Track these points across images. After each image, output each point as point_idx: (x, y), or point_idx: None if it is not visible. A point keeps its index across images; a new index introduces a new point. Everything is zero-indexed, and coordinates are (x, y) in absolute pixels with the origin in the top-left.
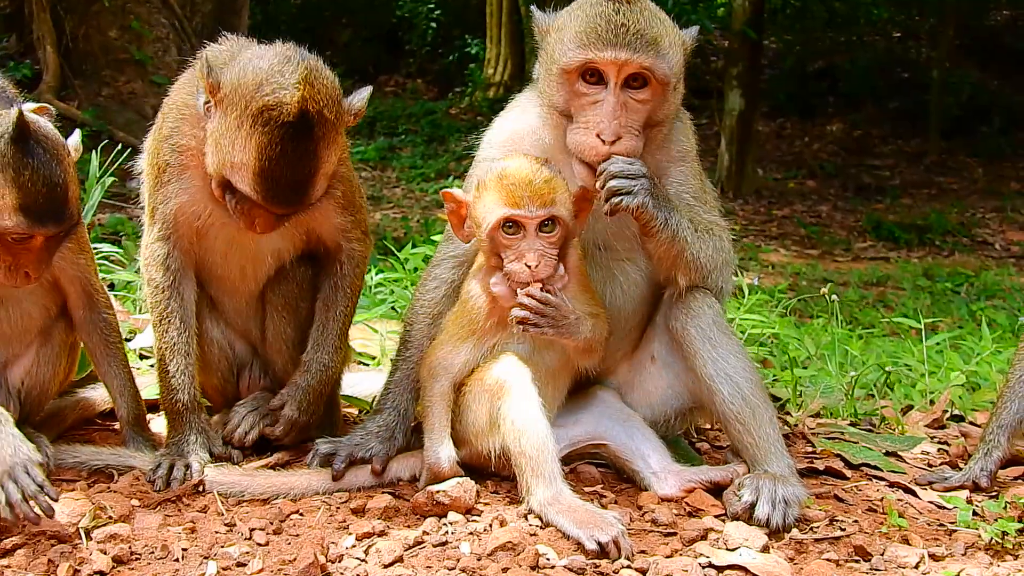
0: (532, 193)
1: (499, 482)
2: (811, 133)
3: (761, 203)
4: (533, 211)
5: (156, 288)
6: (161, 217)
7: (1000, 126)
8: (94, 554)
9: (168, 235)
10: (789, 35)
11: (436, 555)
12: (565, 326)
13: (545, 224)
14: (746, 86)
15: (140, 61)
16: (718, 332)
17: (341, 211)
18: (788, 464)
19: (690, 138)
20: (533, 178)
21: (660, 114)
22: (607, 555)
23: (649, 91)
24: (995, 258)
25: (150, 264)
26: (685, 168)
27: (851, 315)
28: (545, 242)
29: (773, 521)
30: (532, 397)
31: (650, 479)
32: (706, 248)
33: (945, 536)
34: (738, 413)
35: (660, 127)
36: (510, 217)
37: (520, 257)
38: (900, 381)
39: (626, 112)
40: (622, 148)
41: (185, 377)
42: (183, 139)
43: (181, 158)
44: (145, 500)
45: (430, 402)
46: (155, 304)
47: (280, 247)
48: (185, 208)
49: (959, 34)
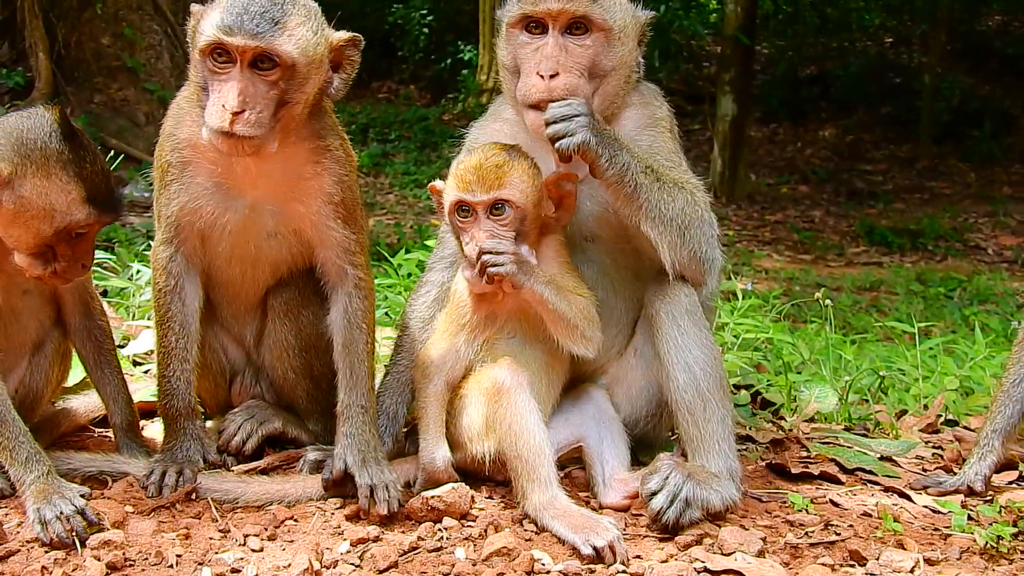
0: (480, 177)
1: (494, 487)
2: (803, 138)
3: (754, 208)
4: (479, 195)
5: (158, 291)
6: (165, 220)
7: (992, 131)
8: (88, 560)
9: (172, 238)
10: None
11: (431, 560)
12: (526, 266)
13: (497, 207)
14: (738, 91)
15: (132, 68)
16: (688, 320)
17: (341, 222)
18: (729, 466)
19: (662, 108)
20: (484, 162)
21: (605, 62)
22: (603, 560)
23: (590, 38)
24: (988, 263)
25: (154, 267)
26: (656, 133)
27: (844, 320)
28: (496, 224)
29: (665, 516)
30: (528, 402)
31: (599, 487)
32: (673, 201)
33: (940, 540)
34: (689, 403)
35: (607, 78)
36: (459, 200)
37: (472, 238)
38: (894, 386)
39: (567, 54)
40: (561, 83)
41: (182, 382)
42: (184, 134)
43: (182, 155)
44: (139, 507)
45: (425, 403)
46: (156, 307)
47: (278, 257)
48: (187, 208)
49: (950, 39)
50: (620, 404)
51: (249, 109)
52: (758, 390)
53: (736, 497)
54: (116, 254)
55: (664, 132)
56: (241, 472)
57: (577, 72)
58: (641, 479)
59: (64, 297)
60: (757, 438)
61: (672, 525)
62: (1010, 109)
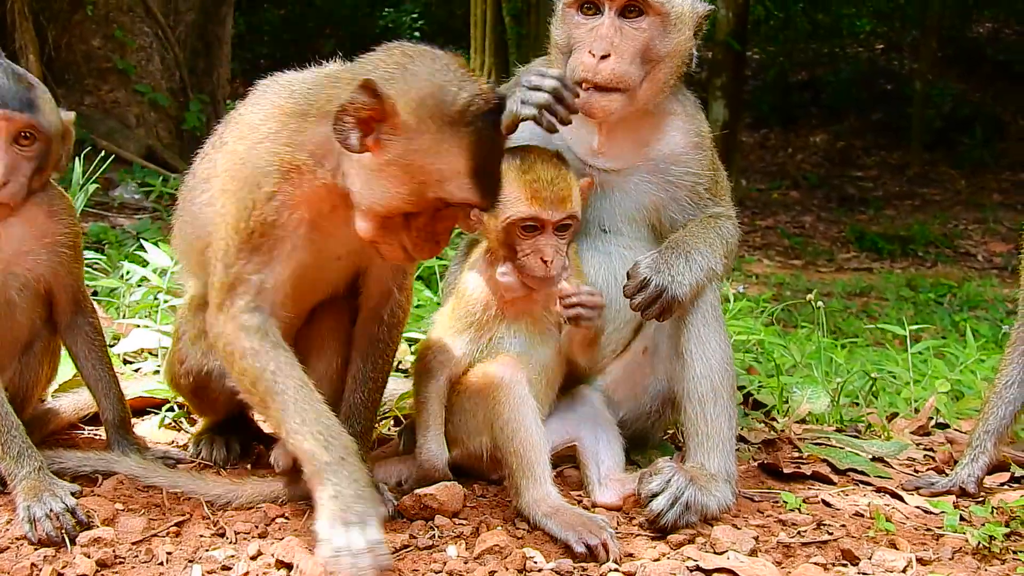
0: (555, 194)
1: (486, 485)
2: (794, 144)
3: (745, 214)
4: (555, 214)
5: (255, 356)
6: (256, 288)
7: (982, 137)
8: (77, 558)
9: (261, 306)
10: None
11: (423, 558)
12: (600, 312)
13: (563, 225)
14: (730, 97)
15: (123, 70)
16: (712, 315)
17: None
18: (728, 469)
19: (704, 122)
20: (556, 177)
21: (659, 48)
22: (595, 558)
23: (646, 21)
24: (978, 269)
25: (239, 338)
26: (702, 153)
27: (835, 325)
28: (559, 241)
29: (664, 519)
30: (527, 398)
31: (594, 485)
32: (723, 247)
33: (932, 541)
34: (702, 395)
35: (659, 65)
36: (534, 217)
37: (536, 252)
38: (885, 389)
39: (621, 36)
40: (609, 67)
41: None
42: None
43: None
44: (129, 504)
45: (425, 399)
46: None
47: (337, 279)
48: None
49: (941, 46)
50: (622, 403)
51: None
52: (750, 391)
53: (731, 501)
54: (107, 255)
55: (708, 151)
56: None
57: (628, 57)
58: (640, 479)
59: (57, 295)
60: (749, 438)
61: (669, 528)
62: (1001, 116)
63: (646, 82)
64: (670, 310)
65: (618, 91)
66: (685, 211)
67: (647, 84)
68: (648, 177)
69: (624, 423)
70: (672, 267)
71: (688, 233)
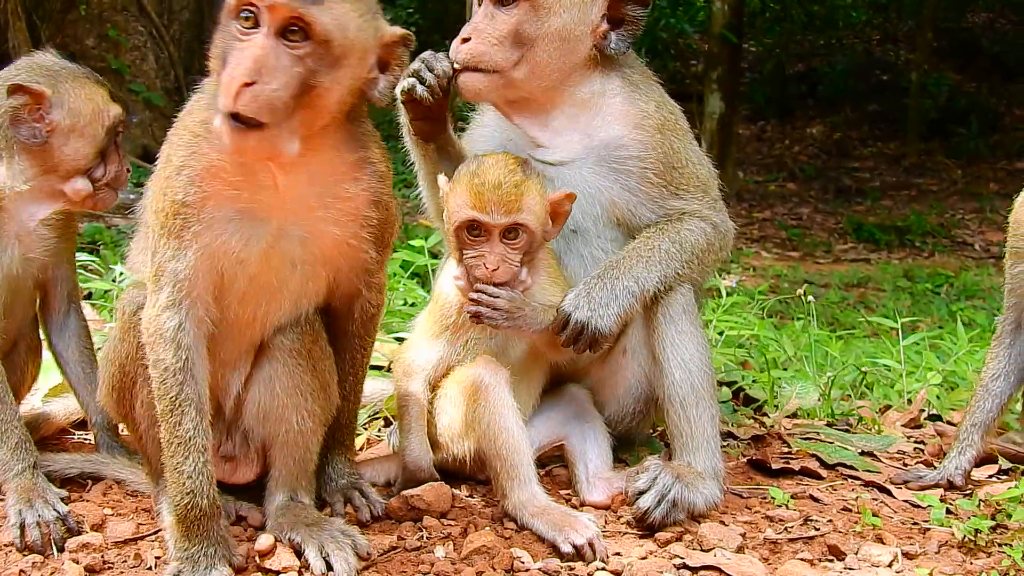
0: (499, 199)
1: (474, 486)
2: (791, 136)
3: (742, 206)
4: (497, 218)
5: (164, 370)
6: (172, 278)
7: (978, 128)
8: (66, 563)
9: (180, 300)
10: (768, 38)
11: (411, 560)
12: (521, 318)
13: (510, 231)
14: (726, 89)
15: (117, 70)
16: (685, 318)
17: (373, 245)
18: (715, 466)
19: (650, 103)
20: (503, 181)
21: (529, 30)
22: (582, 557)
23: (518, 7)
24: (975, 259)
25: (154, 340)
26: (644, 139)
27: (832, 317)
28: (508, 248)
29: (651, 516)
30: (508, 400)
31: (582, 484)
32: (652, 272)
33: (919, 534)
34: (683, 398)
35: (533, 47)
36: (474, 220)
37: (480, 258)
38: (879, 382)
39: (492, 21)
40: (470, 47)
41: (203, 478)
42: (201, 163)
43: (201, 189)
44: (118, 508)
45: (406, 403)
46: (163, 391)
47: (301, 291)
48: (208, 251)
49: (937, 37)
50: (606, 403)
51: (262, 82)
52: (741, 387)
53: (719, 498)
54: (101, 256)
55: (654, 133)
56: None
57: (494, 40)
58: (628, 477)
59: (50, 295)
60: (738, 434)
61: (656, 525)
62: (996, 106)
63: (523, 64)
64: (597, 343)
65: (481, 71)
66: (644, 204)
67: (525, 67)
68: (595, 168)
69: (609, 423)
70: (594, 300)
71: (626, 253)
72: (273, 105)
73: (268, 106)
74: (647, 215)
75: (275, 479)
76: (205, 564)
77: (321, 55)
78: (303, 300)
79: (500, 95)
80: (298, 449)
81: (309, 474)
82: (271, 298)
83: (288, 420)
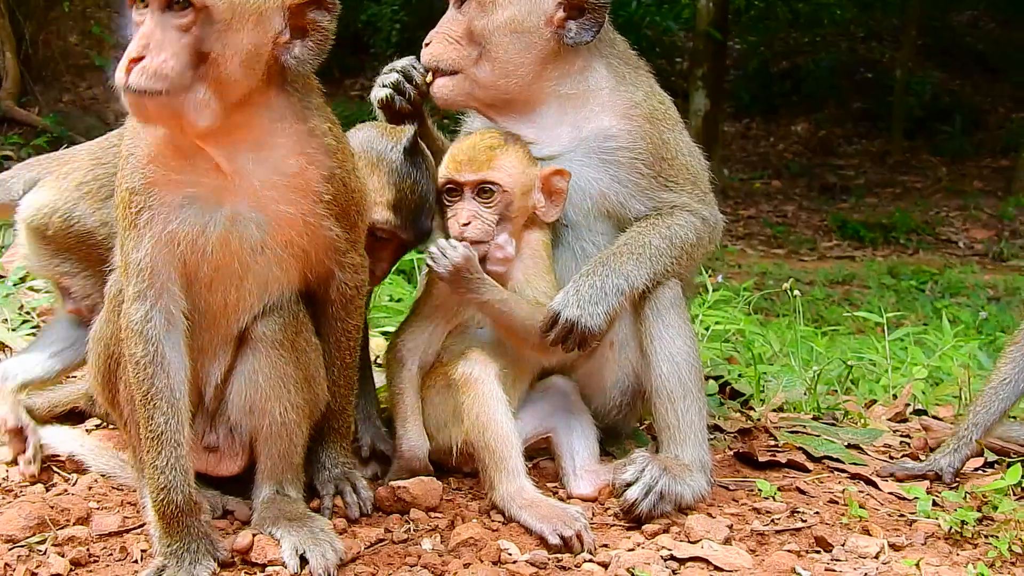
0: (470, 158)
1: (461, 478)
2: (776, 133)
3: (727, 203)
4: (466, 175)
5: (135, 364)
6: (136, 267)
7: (962, 126)
8: (51, 556)
9: (146, 290)
10: (753, 36)
11: (398, 552)
12: (469, 281)
13: (484, 190)
14: (711, 87)
15: (101, 67)
16: (672, 312)
17: (335, 221)
18: (702, 458)
19: (638, 93)
20: (476, 143)
21: (479, 25)
22: (570, 549)
23: (469, 4)
24: (959, 256)
25: (127, 334)
26: (633, 129)
27: (817, 314)
28: (482, 206)
29: (638, 508)
30: (497, 392)
31: (569, 477)
32: (643, 268)
33: (905, 526)
34: (671, 392)
35: (487, 43)
36: (448, 180)
37: (455, 216)
38: (864, 377)
39: (451, 23)
40: (431, 50)
41: (177, 473)
42: (144, 150)
43: (145, 175)
44: (103, 502)
45: (400, 389)
46: (136, 383)
47: (268, 276)
48: (162, 238)
49: (921, 35)
50: (593, 396)
51: (150, 55)
52: (727, 381)
53: (706, 490)
54: None
55: (644, 123)
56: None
57: (451, 39)
58: (615, 469)
59: None
60: (725, 427)
61: (643, 517)
62: (980, 104)
63: (483, 62)
64: (587, 341)
65: (445, 74)
66: (635, 196)
67: (486, 64)
68: (584, 160)
69: (596, 415)
70: (583, 298)
71: (616, 249)
72: (163, 73)
73: (157, 75)
74: (637, 207)
75: (261, 472)
76: (189, 560)
77: (205, 21)
78: (272, 285)
79: (472, 98)
80: (282, 441)
81: (295, 466)
82: (238, 284)
83: (271, 412)
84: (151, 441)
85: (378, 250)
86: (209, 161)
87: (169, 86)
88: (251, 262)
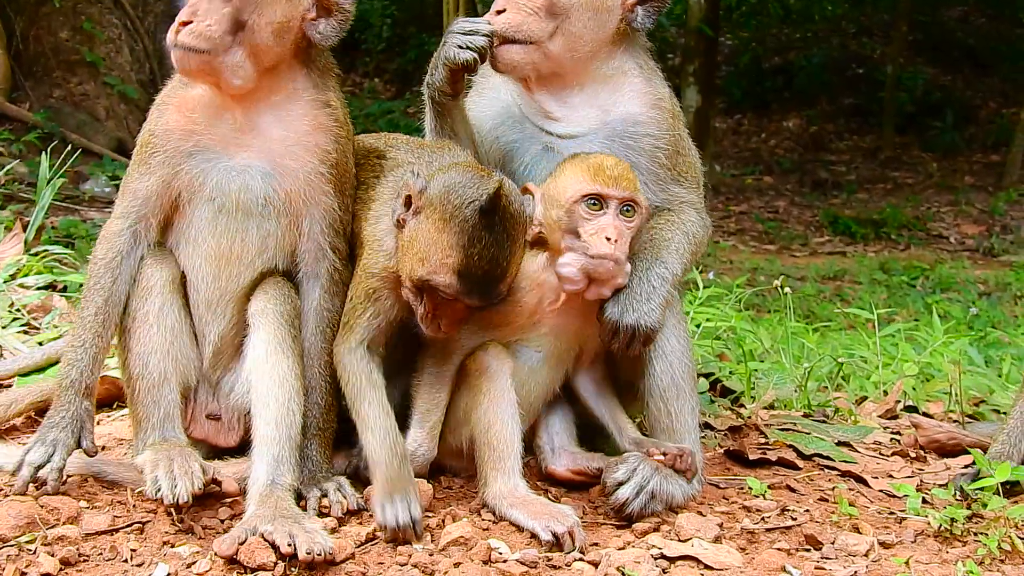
0: (620, 174)
1: (452, 478)
2: (767, 129)
3: (719, 199)
4: (617, 191)
5: (94, 261)
6: (130, 194)
7: (953, 121)
8: (41, 556)
9: (129, 213)
10: (745, 32)
11: (388, 551)
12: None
13: (627, 208)
14: (702, 82)
15: (92, 62)
16: (667, 312)
17: (333, 189)
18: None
19: (664, 89)
20: (615, 162)
21: (563, 0)
22: (561, 547)
23: None
24: (950, 251)
25: (100, 239)
26: (660, 119)
27: (808, 309)
28: (624, 224)
29: (629, 507)
30: (508, 390)
31: (547, 453)
32: (680, 260)
33: (895, 524)
34: (664, 390)
35: (567, 18)
36: (595, 192)
37: (600, 230)
38: (855, 373)
39: None
40: (507, 18)
41: (84, 354)
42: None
43: (166, 122)
44: (94, 501)
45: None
46: (88, 276)
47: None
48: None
49: (912, 30)
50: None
51: (197, 20)
52: (718, 378)
53: (697, 490)
54: (76, 249)
55: (668, 116)
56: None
57: (528, 9)
58: (606, 468)
59: None
60: (716, 425)
61: (633, 516)
62: (971, 100)
63: (558, 36)
64: (650, 339)
65: (518, 43)
66: (649, 185)
67: (560, 38)
68: (606, 143)
69: (585, 412)
70: (635, 299)
71: (644, 244)
72: (207, 35)
73: (202, 36)
74: (650, 197)
75: (257, 451)
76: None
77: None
78: (270, 242)
79: (534, 68)
80: (281, 412)
81: (293, 443)
82: (243, 236)
83: (270, 386)
84: (79, 325)
85: (442, 306)
86: (232, 117)
87: (211, 47)
88: (254, 210)
